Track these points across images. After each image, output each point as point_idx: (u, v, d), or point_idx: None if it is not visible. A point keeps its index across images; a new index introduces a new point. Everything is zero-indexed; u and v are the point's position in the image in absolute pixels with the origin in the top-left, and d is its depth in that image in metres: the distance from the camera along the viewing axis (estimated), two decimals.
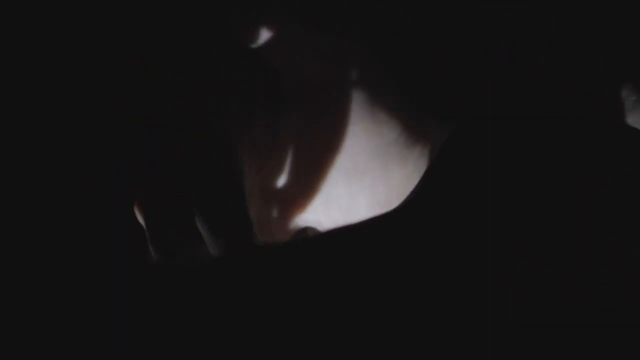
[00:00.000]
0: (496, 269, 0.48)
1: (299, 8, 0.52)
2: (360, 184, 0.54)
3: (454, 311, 0.48)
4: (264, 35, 0.52)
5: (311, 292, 0.36)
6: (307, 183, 0.55)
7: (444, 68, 0.55)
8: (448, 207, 0.51)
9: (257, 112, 0.55)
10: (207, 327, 0.33)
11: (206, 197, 0.48)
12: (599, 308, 0.47)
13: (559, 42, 0.54)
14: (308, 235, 0.58)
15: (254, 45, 0.52)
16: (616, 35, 0.54)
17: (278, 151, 0.55)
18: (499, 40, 0.56)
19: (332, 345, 0.35)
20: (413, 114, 0.55)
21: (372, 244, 0.43)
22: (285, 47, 0.52)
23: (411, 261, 0.50)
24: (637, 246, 0.48)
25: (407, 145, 0.54)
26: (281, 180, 0.56)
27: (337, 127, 0.54)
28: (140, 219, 0.50)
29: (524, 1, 0.55)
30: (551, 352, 0.46)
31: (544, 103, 0.53)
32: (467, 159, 0.49)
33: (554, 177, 0.51)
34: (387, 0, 0.53)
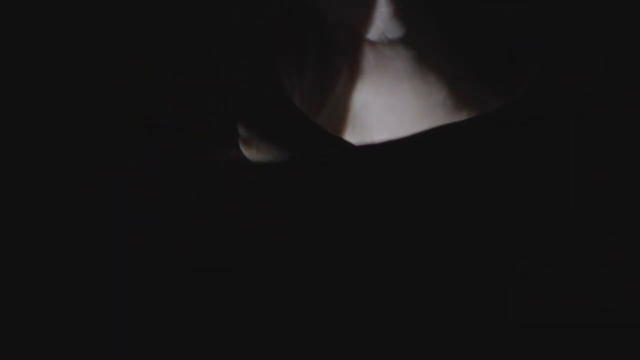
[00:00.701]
0: (496, 269, 0.48)
1: None
2: None
3: (454, 311, 0.48)
4: None
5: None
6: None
7: (499, 35, 0.55)
8: (450, 205, 0.51)
9: (307, 66, 0.56)
10: None
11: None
12: (599, 308, 0.46)
13: (559, 42, 0.54)
14: None
15: None
16: (616, 35, 0.54)
17: (327, 105, 0.57)
18: (499, 40, 0.56)
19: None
20: (462, 78, 0.56)
21: None
22: None
23: (412, 263, 0.50)
24: (637, 246, 0.48)
25: (454, 109, 0.55)
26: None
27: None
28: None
29: (524, 1, 0.55)
30: (551, 352, 0.46)
31: (544, 103, 0.53)
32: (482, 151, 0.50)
33: (553, 178, 0.51)
34: None
